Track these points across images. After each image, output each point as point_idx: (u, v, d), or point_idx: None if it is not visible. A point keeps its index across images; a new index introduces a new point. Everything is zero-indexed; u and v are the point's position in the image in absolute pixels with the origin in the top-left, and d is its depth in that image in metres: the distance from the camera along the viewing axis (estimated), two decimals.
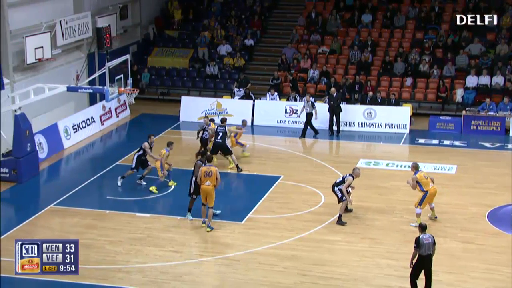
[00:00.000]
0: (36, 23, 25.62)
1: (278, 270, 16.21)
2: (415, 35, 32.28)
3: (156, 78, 32.34)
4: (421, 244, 14.36)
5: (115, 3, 31.25)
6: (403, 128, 27.31)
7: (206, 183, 17.97)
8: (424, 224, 14.76)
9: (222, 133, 22.44)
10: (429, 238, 14.48)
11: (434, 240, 14.58)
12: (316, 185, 21.46)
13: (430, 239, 14.48)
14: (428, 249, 14.44)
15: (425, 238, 14.43)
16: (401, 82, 30.23)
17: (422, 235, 14.45)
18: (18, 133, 21.66)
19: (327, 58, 31.77)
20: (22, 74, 25.06)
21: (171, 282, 15.68)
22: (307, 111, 26.32)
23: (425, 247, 14.39)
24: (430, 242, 14.46)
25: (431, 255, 14.55)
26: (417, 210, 18.47)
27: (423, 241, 14.38)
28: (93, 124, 27.18)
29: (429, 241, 14.44)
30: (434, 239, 14.61)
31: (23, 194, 21.21)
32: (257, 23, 34.19)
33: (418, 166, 18.85)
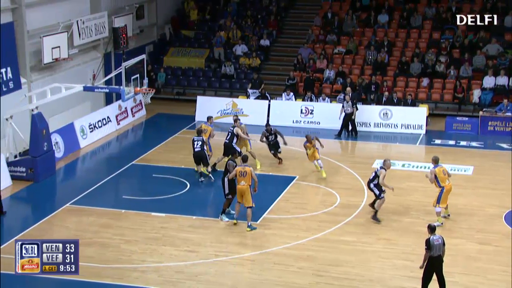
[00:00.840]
0: (53, 23, 25.77)
1: (293, 270, 16.19)
2: (432, 35, 32.13)
3: (172, 78, 32.42)
4: (431, 245, 14.24)
5: (132, 3, 31.36)
6: (419, 128, 27.18)
7: (241, 183, 18.06)
8: (434, 225, 14.62)
9: (230, 133, 22.36)
10: (439, 239, 14.36)
11: (444, 241, 14.48)
12: (331, 185, 21.41)
13: (440, 240, 14.36)
14: (438, 250, 14.33)
15: (435, 239, 14.31)
16: (417, 82, 30.09)
17: (432, 237, 14.32)
18: (35, 132, 21.79)
19: (343, 58, 31.70)
20: (39, 74, 25.21)
21: (186, 282, 15.70)
22: (347, 111, 26.24)
23: (436, 248, 14.29)
24: (440, 243, 14.35)
25: (441, 256, 14.45)
26: (436, 209, 18.37)
27: (434, 242, 14.27)
28: (109, 124, 27.28)
29: (439, 242, 14.33)
30: (444, 240, 14.51)
31: (39, 193, 21.34)
32: (273, 23, 34.18)
33: (438, 160, 18.76)
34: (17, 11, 23.65)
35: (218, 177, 20.20)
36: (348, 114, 26.41)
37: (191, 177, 21.67)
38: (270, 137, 23.09)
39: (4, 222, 19.25)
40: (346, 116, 26.45)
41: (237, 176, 18.12)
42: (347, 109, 26.34)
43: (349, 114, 26.39)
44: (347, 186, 21.50)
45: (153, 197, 20.52)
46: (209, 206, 19.80)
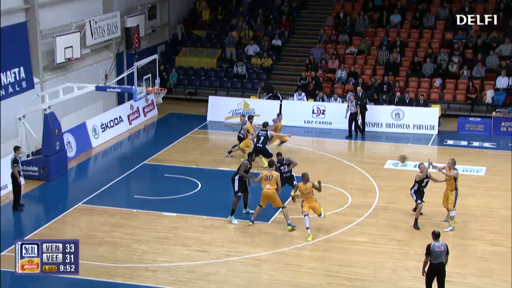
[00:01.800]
0: (66, 23, 25.86)
1: (305, 270, 16.16)
2: (445, 36, 31.99)
3: (183, 78, 32.46)
4: (432, 251, 13.96)
5: (144, 3, 31.43)
6: (432, 129, 27.08)
7: (266, 187, 18.12)
8: (438, 232, 14.28)
9: (263, 137, 22.38)
10: (442, 246, 14.06)
11: (448, 249, 14.17)
12: (343, 186, 21.36)
13: (442, 247, 14.05)
14: (439, 257, 14.02)
15: (437, 245, 14.03)
16: (430, 83, 29.97)
17: (434, 243, 14.05)
18: (47, 132, 21.88)
19: (355, 59, 31.62)
20: (52, 74, 25.32)
21: (197, 282, 15.71)
22: (351, 111, 26.19)
23: (436, 254, 13.98)
24: (443, 250, 14.04)
25: (443, 263, 14.14)
26: (452, 212, 18.21)
27: (434, 249, 13.98)
28: (121, 124, 27.35)
29: (441, 249, 14.02)
30: (448, 247, 14.22)
31: (52, 192, 21.42)
32: (285, 24, 34.15)
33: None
34: (30, 11, 23.75)
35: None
36: (352, 114, 26.32)
37: (202, 177, 21.67)
38: (282, 168, 19.89)
39: (17, 221, 19.37)
40: (351, 116, 26.35)
41: (262, 180, 18.20)
42: (351, 108, 26.24)
43: (354, 113, 26.31)
44: (358, 186, 21.45)
45: (164, 197, 20.55)
46: (220, 206, 19.78)
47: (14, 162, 19.26)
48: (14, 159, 19.31)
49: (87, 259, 16.57)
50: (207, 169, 22.41)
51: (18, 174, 19.37)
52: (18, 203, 19.56)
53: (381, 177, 22.21)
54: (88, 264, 16.35)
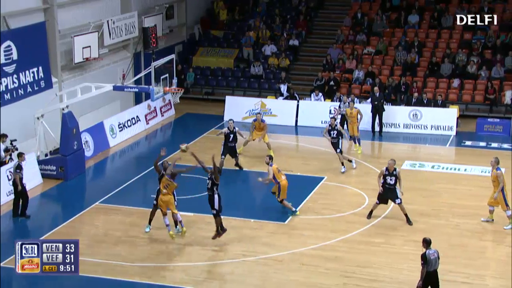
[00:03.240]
0: (84, 23, 26.00)
1: (321, 271, 16.12)
2: (463, 36, 31.79)
3: (201, 77, 32.50)
4: (428, 260, 13.78)
5: (162, 3, 31.52)
6: (450, 130, 26.92)
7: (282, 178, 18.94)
8: (429, 239, 14.05)
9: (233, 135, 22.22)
10: (435, 253, 13.92)
11: (439, 255, 14.03)
12: (360, 186, 21.30)
13: (435, 254, 13.92)
14: (434, 264, 13.90)
15: (431, 253, 13.86)
16: (448, 83, 29.80)
17: (428, 251, 13.83)
18: (65, 131, 22.00)
19: (373, 59, 31.51)
20: (70, 73, 25.46)
21: (214, 281, 15.72)
22: (343, 112, 25.88)
23: (432, 262, 13.83)
24: (436, 257, 13.93)
25: (436, 270, 14.02)
26: (508, 212, 18.13)
27: (430, 257, 13.80)
28: (138, 123, 27.44)
29: (435, 256, 13.89)
30: (439, 254, 14.04)
31: (69, 191, 21.54)
32: (302, 23, 34.10)
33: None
34: (49, 11, 23.89)
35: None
36: (344, 115, 25.98)
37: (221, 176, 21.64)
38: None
39: (34, 220, 19.48)
40: (342, 117, 25.95)
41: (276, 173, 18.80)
42: (343, 110, 25.87)
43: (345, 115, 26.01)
44: (375, 187, 21.29)
45: (181, 197, 20.53)
46: (237, 206, 19.78)
47: (17, 168, 18.89)
48: (17, 165, 18.95)
49: (104, 258, 16.67)
50: (224, 169, 22.38)
51: (20, 181, 18.90)
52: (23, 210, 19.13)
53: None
54: (105, 263, 16.43)
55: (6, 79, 21.48)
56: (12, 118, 21.80)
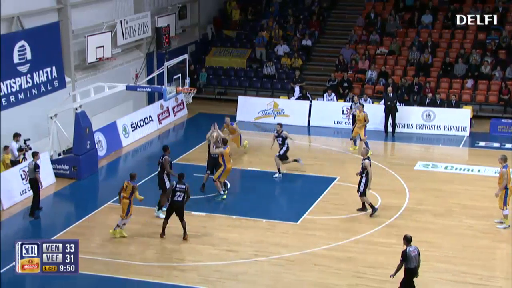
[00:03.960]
0: (98, 23, 26.09)
1: (333, 271, 16.09)
2: (477, 36, 31.62)
3: (213, 77, 32.53)
4: (408, 257, 13.91)
5: (175, 3, 31.58)
6: (463, 130, 26.79)
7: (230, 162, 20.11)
8: (409, 236, 14.16)
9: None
10: (415, 250, 14.05)
11: (419, 252, 14.14)
12: (372, 186, 21.09)
13: (416, 251, 14.05)
14: (414, 261, 14.01)
15: (411, 250, 13.98)
16: (461, 83, 29.65)
17: (408, 248, 13.97)
18: (78, 131, 22.09)
19: (386, 59, 31.41)
20: (83, 73, 25.55)
21: (226, 281, 15.72)
22: (355, 113, 25.86)
23: (412, 259, 13.95)
24: (416, 254, 14.05)
25: (417, 267, 14.12)
26: (505, 211, 18.09)
27: (410, 254, 13.93)
28: (151, 123, 27.50)
29: (415, 253, 14.03)
30: (419, 250, 14.15)
31: (82, 191, 21.62)
32: (315, 24, 34.05)
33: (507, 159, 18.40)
34: (63, 11, 23.99)
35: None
36: (355, 116, 25.95)
37: (231, 177, 21.65)
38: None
39: (47, 219, 19.58)
40: (354, 118, 25.92)
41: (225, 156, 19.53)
42: (355, 110, 25.84)
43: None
44: (388, 187, 21.30)
45: (193, 196, 20.55)
46: (249, 206, 19.78)
47: (35, 167, 19.12)
48: (35, 164, 19.14)
49: (116, 257, 16.72)
50: (236, 169, 22.39)
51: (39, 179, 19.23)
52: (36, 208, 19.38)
53: (411, 178, 22.02)
54: (117, 262, 16.48)
55: (20, 78, 21.59)
56: (25, 117, 21.93)
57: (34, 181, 19.25)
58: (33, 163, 19.21)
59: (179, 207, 17.47)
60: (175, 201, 17.51)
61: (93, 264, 16.40)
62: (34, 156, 19.47)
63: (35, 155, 19.50)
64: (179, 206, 17.47)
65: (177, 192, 17.46)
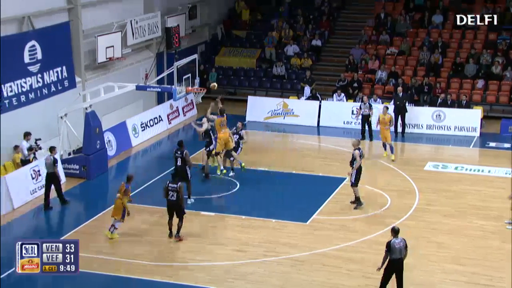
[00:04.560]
0: (108, 22, 26.13)
1: (343, 272, 16.06)
2: (488, 36, 31.48)
3: (223, 77, 32.54)
4: (392, 248, 14.12)
5: (184, 3, 31.61)
6: (474, 131, 26.68)
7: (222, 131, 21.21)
8: (397, 228, 14.38)
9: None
10: (401, 242, 14.23)
11: (406, 244, 14.29)
12: (382, 187, 21.18)
13: (401, 243, 14.23)
14: (399, 253, 14.19)
15: (396, 242, 14.19)
16: (472, 84, 29.54)
17: (393, 239, 14.20)
18: (88, 130, 22.14)
19: (396, 59, 31.32)
20: (93, 73, 25.61)
21: (235, 281, 15.71)
22: (364, 113, 25.84)
23: (396, 251, 14.15)
24: (402, 246, 14.21)
25: (401, 259, 14.28)
26: None
27: (395, 245, 14.15)
28: (161, 123, 27.54)
29: (401, 245, 14.20)
30: (406, 242, 14.30)
31: (92, 190, 21.68)
32: (325, 24, 34.01)
33: None
34: (73, 11, 24.05)
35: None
36: (365, 116, 25.91)
37: (241, 177, 21.67)
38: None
39: (57, 219, 19.66)
40: (363, 118, 25.96)
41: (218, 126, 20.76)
42: (365, 110, 25.80)
43: (366, 116, 25.91)
44: (398, 188, 21.25)
45: (202, 196, 20.62)
46: (259, 206, 19.77)
47: (54, 162, 19.51)
48: (54, 159, 19.52)
49: (126, 257, 16.75)
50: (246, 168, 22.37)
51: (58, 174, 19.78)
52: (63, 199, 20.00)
53: (421, 179, 21.96)
54: (127, 262, 16.51)
55: (30, 78, 21.69)
56: (36, 117, 22.01)
57: (53, 176, 19.56)
58: (51, 158, 19.55)
59: (174, 205, 17.53)
60: (169, 200, 17.62)
61: (103, 263, 16.44)
62: (52, 151, 19.79)
63: (53, 149, 19.85)
64: (174, 205, 17.52)
65: (170, 192, 17.51)
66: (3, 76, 20.49)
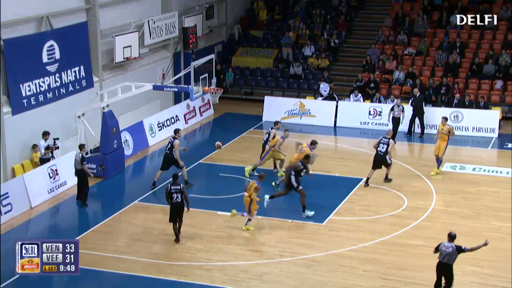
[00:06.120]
0: (125, 22, 26.24)
1: (359, 273, 16.00)
2: (507, 37, 31.23)
3: (240, 77, 32.56)
4: (439, 250, 14.30)
5: (202, 3, 31.66)
6: (492, 132, 26.49)
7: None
8: (454, 234, 14.40)
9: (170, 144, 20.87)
10: (450, 247, 14.19)
11: (457, 250, 14.19)
12: (399, 188, 21.09)
13: (451, 248, 14.18)
14: (446, 258, 14.20)
15: (445, 246, 14.23)
16: (490, 84, 29.32)
17: (443, 243, 14.32)
18: (105, 130, 22.22)
19: (413, 60, 31.17)
20: (110, 73, 25.71)
21: (251, 281, 15.71)
22: (397, 115, 25.78)
23: (443, 254, 14.19)
24: (450, 252, 14.17)
25: (448, 265, 14.25)
26: None
27: (442, 248, 14.24)
28: (177, 123, 27.58)
29: (449, 251, 14.17)
30: (457, 249, 14.18)
31: (109, 189, 21.76)
32: (342, 24, 33.91)
33: None
34: (91, 11, 24.17)
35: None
36: (396, 118, 25.79)
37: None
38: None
39: (73, 218, 19.76)
40: (394, 120, 25.85)
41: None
42: (398, 113, 25.69)
43: (398, 118, 25.80)
44: (415, 189, 21.14)
45: (219, 196, 20.64)
46: (275, 206, 19.75)
47: (82, 160, 19.70)
48: (82, 157, 19.72)
49: (142, 256, 16.80)
50: (262, 169, 22.38)
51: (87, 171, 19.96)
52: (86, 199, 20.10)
53: (439, 180, 21.84)
54: (143, 261, 16.56)
55: (48, 78, 21.83)
56: (54, 116, 22.15)
57: (82, 173, 19.72)
58: (80, 155, 19.76)
59: (180, 207, 17.48)
60: (174, 203, 17.49)
61: (119, 262, 16.50)
62: (81, 149, 20.06)
63: (82, 147, 20.16)
64: (180, 207, 17.47)
65: (174, 194, 17.45)
66: (21, 75, 20.65)
